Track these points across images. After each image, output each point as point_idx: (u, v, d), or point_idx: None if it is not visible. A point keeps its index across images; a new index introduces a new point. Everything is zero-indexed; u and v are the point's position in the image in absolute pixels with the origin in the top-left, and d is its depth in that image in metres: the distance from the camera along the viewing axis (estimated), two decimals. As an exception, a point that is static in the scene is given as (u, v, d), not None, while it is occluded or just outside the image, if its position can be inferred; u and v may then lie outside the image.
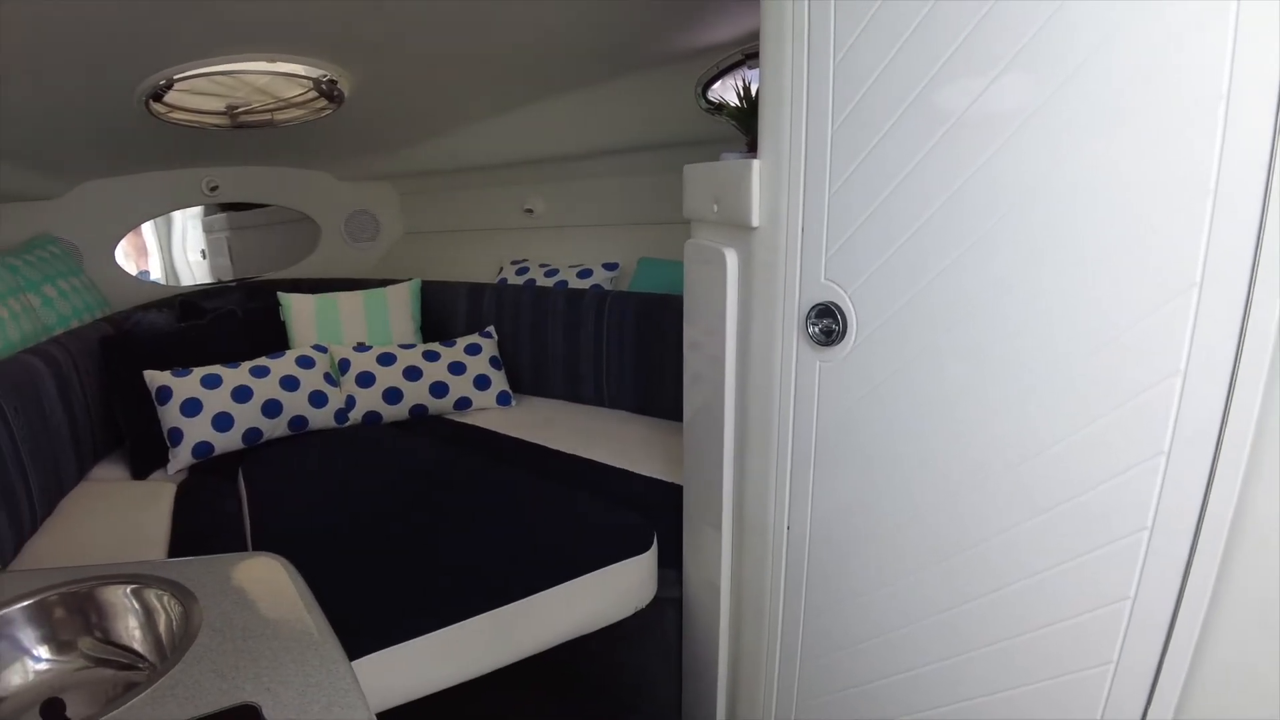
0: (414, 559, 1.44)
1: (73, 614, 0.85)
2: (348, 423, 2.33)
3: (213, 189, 2.99)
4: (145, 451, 2.06)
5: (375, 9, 1.63)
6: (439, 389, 2.42)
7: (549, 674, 1.68)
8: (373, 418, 2.36)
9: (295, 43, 1.81)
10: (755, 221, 1.15)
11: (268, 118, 2.35)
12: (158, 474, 2.06)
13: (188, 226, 3.24)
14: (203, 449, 2.06)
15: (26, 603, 0.83)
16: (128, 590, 0.86)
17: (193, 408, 2.06)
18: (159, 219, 3.05)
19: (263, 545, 1.40)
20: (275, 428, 2.18)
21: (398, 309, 2.75)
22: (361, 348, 2.46)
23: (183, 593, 0.84)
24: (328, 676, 0.70)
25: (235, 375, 2.16)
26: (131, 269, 2.96)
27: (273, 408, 2.17)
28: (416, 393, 2.40)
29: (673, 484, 1.77)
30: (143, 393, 2.08)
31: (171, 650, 0.77)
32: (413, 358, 2.45)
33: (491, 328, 2.63)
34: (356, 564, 1.41)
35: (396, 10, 1.65)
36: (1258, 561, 0.73)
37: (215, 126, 2.34)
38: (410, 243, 3.48)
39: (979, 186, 0.86)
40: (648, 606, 1.58)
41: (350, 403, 2.34)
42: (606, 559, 1.49)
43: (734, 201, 1.18)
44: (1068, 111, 0.78)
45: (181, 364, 2.16)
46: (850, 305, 1.03)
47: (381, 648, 1.24)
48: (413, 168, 3.14)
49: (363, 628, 1.23)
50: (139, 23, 1.54)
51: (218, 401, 2.09)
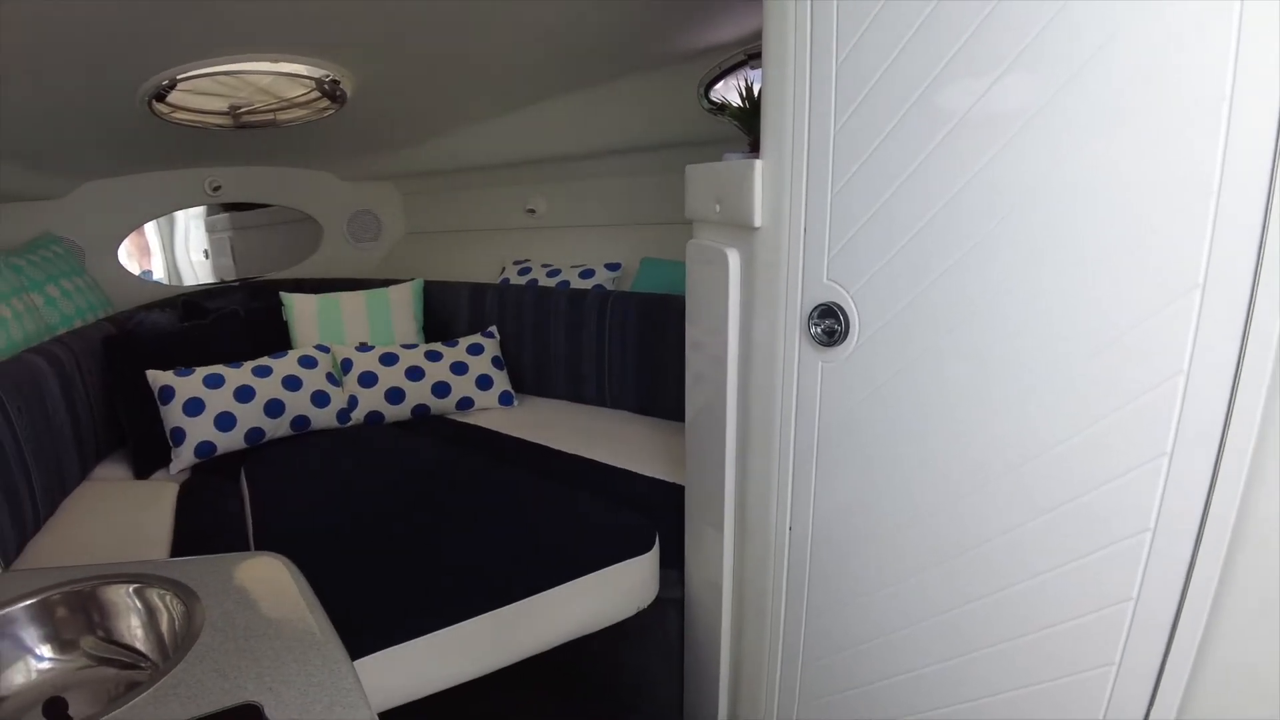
0: (416, 559, 1.44)
1: (75, 613, 0.85)
2: (350, 422, 2.33)
3: (215, 189, 3.00)
4: (148, 451, 2.07)
5: (378, 9, 1.63)
6: (441, 389, 2.42)
7: (550, 674, 1.68)
8: (375, 418, 2.36)
9: (298, 43, 1.81)
10: (757, 222, 1.15)
11: (270, 118, 2.35)
12: (160, 473, 2.06)
13: (190, 226, 3.24)
14: (205, 448, 2.06)
15: (29, 602, 0.83)
16: (130, 589, 0.86)
17: (195, 407, 2.06)
18: (162, 219, 3.06)
19: (265, 545, 1.40)
20: (277, 427, 2.19)
21: (400, 309, 2.75)
22: (364, 348, 2.46)
23: (185, 592, 0.84)
24: (330, 676, 0.71)
25: (238, 375, 2.16)
26: (134, 269, 2.96)
27: (275, 407, 2.17)
28: (419, 393, 2.40)
29: (674, 484, 1.77)
30: (145, 392, 2.08)
31: (174, 649, 0.77)
32: (415, 358, 2.45)
33: (494, 328, 2.63)
34: (359, 564, 1.41)
35: (399, 10, 1.65)
36: (1260, 562, 0.73)
37: (218, 126, 2.35)
38: (413, 243, 3.49)
39: (980, 187, 0.86)
40: (649, 606, 1.58)
41: (352, 403, 2.35)
42: (608, 559, 1.49)
43: (736, 202, 1.18)
44: (1069, 112, 0.78)
45: (184, 364, 2.16)
46: (853, 305, 1.03)
47: (383, 647, 1.24)
48: (415, 168, 3.14)
49: (365, 627, 1.24)
50: (141, 23, 1.54)
51: (220, 401, 2.10)
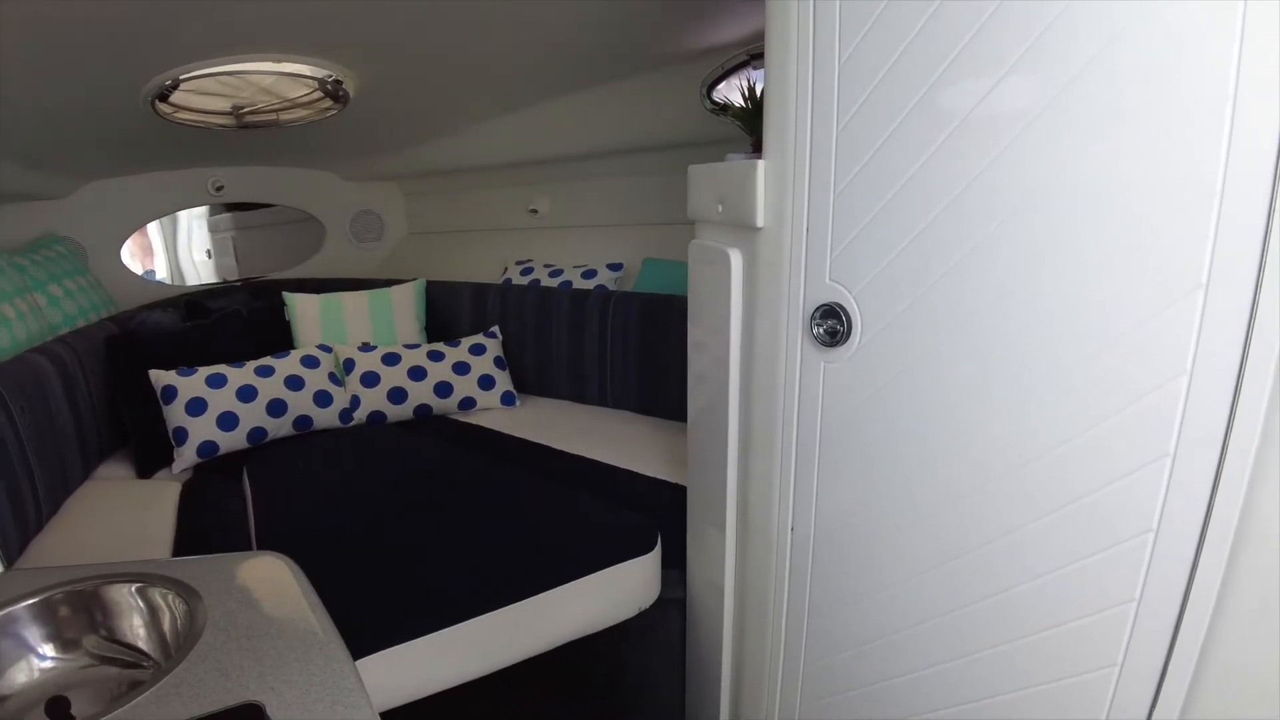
0: (418, 559, 1.44)
1: (78, 612, 0.85)
2: (352, 422, 2.33)
3: (218, 189, 3.01)
4: (150, 450, 2.07)
5: (381, 9, 1.64)
6: (443, 389, 2.42)
7: (552, 674, 1.68)
8: (377, 417, 2.37)
9: (300, 43, 1.81)
10: (760, 222, 1.15)
11: (273, 118, 2.36)
12: (163, 473, 2.06)
13: (193, 226, 3.25)
14: (207, 448, 2.06)
15: (32, 601, 0.83)
16: (132, 589, 0.86)
17: (198, 407, 2.06)
18: (164, 219, 3.07)
19: (267, 544, 1.40)
20: (280, 427, 2.19)
21: (402, 309, 2.75)
22: (366, 348, 2.47)
23: (187, 591, 0.84)
24: (332, 676, 0.71)
25: (240, 375, 2.17)
26: (137, 268, 2.97)
27: (277, 407, 2.18)
28: (421, 393, 2.40)
29: (676, 484, 1.77)
30: (148, 392, 2.09)
31: (176, 649, 0.77)
32: (417, 358, 2.45)
33: (496, 328, 2.63)
34: (360, 563, 1.41)
35: (401, 10, 1.66)
36: (1263, 564, 0.73)
37: (221, 126, 2.35)
38: (415, 243, 3.49)
39: (982, 189, 0.86)
40: (651, 607, 1.58)
41: (355, 402, 2.35)
42: (610, 559, 1.49)
43: (739, 202, 1.18)
44: (1071, 113, 0.78)
45: (187, 363, 2.17)
46: (855, 306, 1.03)
47: (385, 647, 1.24)
48: (418, 168, 3.14)
49: (367, 627, 1.24)
50: (143, 23, 1.54)
51: (222, 401, 2.10)
